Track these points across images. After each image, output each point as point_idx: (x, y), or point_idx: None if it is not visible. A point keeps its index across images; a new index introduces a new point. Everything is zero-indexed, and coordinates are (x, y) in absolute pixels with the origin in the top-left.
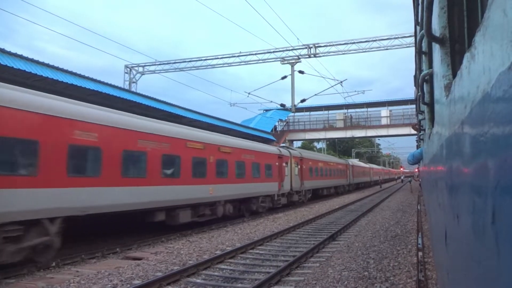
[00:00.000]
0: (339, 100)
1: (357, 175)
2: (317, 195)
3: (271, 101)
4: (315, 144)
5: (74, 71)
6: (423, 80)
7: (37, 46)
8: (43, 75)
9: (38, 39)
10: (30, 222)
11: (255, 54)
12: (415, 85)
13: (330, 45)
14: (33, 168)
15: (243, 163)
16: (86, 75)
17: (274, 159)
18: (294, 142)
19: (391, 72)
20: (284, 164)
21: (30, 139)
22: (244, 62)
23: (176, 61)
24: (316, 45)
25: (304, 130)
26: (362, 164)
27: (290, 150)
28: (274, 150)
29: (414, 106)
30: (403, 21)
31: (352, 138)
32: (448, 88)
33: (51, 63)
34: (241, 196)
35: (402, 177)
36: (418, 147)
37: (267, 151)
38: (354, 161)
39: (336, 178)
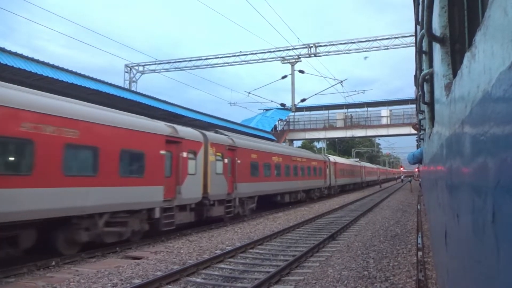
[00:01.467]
0: (339, 100)
1: (342, 175)
2: (269, 203)
3: (271, 101)
4: (315, 143)
5: (74, 70)
6: (424, 80)
7: (37, 45)
8: (43, 74)
9: (38, 38)
10: None
11: (255, 53)
12: (415, 85)
13: (330, 45)
14: None
15: None
16: (87, 74)
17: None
18: (294, 141)
19: (391, 72)
20: (183, 155)
21: None
22: (244, 61)
23: (176, 61)
24: (316, 45)
25: (304, 130)
26: (348, 161)
27: (207, 134)
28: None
29: (414, 105)
30: (404, 20)
31: (352, 138)
32: (448, 87)
33: (51, 62)
34: None
35: (402, 177)
36: (418, 146)
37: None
38: (338, 158)
39: (305, 178)
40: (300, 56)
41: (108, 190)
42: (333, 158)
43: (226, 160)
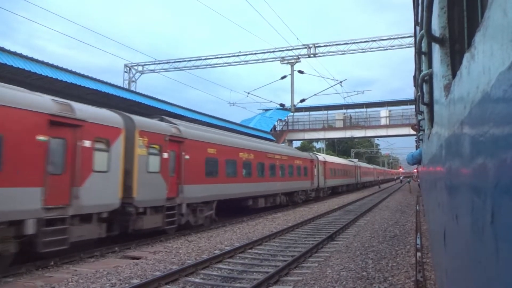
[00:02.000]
0: (339, 100)
1: (334, 175)
2: (241, 209)
3: (271, 101)
4: (315, 144)
5: (74, 69)
6: (423, 80)
7: (37, 44)
8: (43, 74)
9: (38, 37)
10: None
11: (255, 53)
12: (414, 86)
13: (329, 45)
14: None
15: None
16: (86, 74)
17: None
18: (294, 142)
19: (391, 73)
20: (85, 144)
21: None
22: (244, 61)
23: (176, 61)
24: (315, 45)
25: (303, 130)
26: (340, 161)
27: (135, 118)
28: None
29: (413, 106)
30: (404, 20)
31: (352, 138)
32: (447, 88)
33: (51, 62)
34: None
35: (401, 177)
36: (417, 147)
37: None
38: (328, 157)
39: (287, 179)
40: (299, 57)
41: None
42: (322, 156)
43: (166, 155)
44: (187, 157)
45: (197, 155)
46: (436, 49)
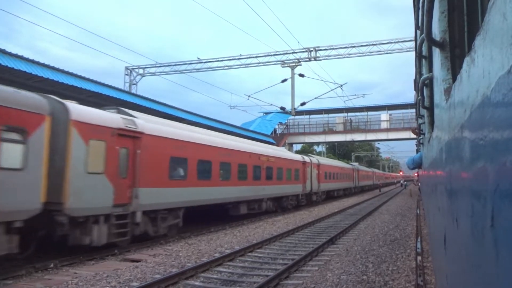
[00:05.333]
0: (339, 104)
1: (329, 178)
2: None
3: (271, 104)
4: (315, 147)
5: (75, 72)
6: (423, 84)
7: (40, 46)
8: (44, 76)
9: (40, 39)
10: None
11: (256, 57)
12: (415, 89)
13: (330, 49)
14: None
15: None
16: (88, 76)
17: None
18: (294, 145)
19: (392, 76)
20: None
21: None
22: (245, 65)
23: (177, 63)
24: (316, 49)
25: (304, 133)
26: (336, 163)
27: (69, 105)
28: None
29: (414, 110)
30: (405, 24)
31: (352, 142)
32: (448, 92)
33: (53, 64)
34: None
35: (402, 181)
36: (417, 151)
37: None
38: (323, 159)
39: (274, 183)
40: (300, 60)
41: None
42: (316, 158)
43: (115, 152)
44: (144, 155)
45: (158, 153)
46: (436, 53)
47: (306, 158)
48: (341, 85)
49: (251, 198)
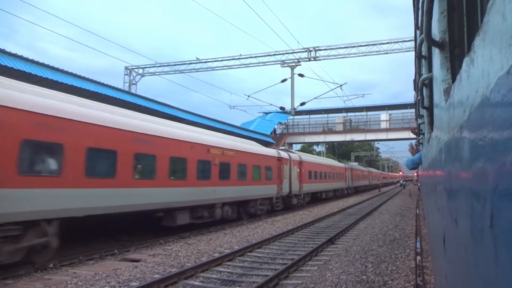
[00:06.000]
0: (339, 104)
1: (314, 178)
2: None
3: (271, 104)
4: (315, 147)
5: (75, 72)
6: (423, 84)
7: (40, 47)
8: (43, 76)
9: (40, 40)
10: None
11: (255, 57)
12: (414, 89)
13: (330, 49)
14: None
15: None
16: (88, 76)
17: None
18: (294, 145)
19: (391, 76)
20: None
21: None
22: (244, 64)
23: (176, 63)
24: (316, 49)
25: (303, 133)
26: (324, 161)
27: None
28: None
29: (413, 110)
30: (404, 24)
31: (351, 142)
32: (447, 92)
33: (53, 64)
34: None
35: (401, 181)
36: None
37: None
38: (307, 156)
39: (233, 183)
40: (299, 60)
41: None
42: (297, 155)
43: None
44: None
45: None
46: (436, 53)
47: (284, 154)
48: (341, 85)
49: (195, 204)
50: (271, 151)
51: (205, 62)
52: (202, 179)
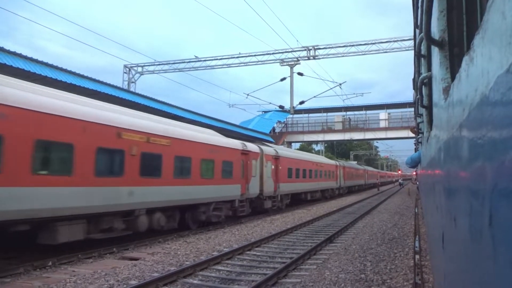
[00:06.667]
0: (338, 103)
1: (294, 177)
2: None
3: (270, 103)
4: (314, 146)
5: (74, 70)
6: (422, 83)
7: (38, 44)
8: (43, 74)
9: (39, 37)
10: None
11: (255, 55)
12: (414, 88)
13: (329, 47)
14: None
15: None
16: (87, 74)
17: None
18: (293, 144)
19: (391, 75)
20: None
21: None
22: (244, 63)
23: (176, 62)
24: (315, 47)
25: (302, 132)
26: (310, 157)
27: None
28: None
29: (412, 109)
30: (404, 23)
31: (351, 141)
32: (446, 91)
33: (52, 62)
34: None
35: (400, 180)
36: (416, 150)
37: None
38: (284, 149)
39: (175, 182)
40: (299, 59)
41: None
42: (273, 149)
43: None
44: None
45: None
46: (435, 52)
47: (252, 147)
48: (340, 84)
49: (96, 211)
50: (232, 142)
51: (204, 60)
52: (106, 176)
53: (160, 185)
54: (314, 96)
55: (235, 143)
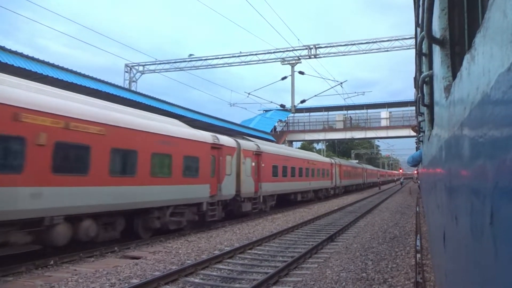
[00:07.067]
0: (339, 101)
1: (284, 176)
2: None
3: (271, 102)
4: (315, 145)
5: (75, 69)
6: (423, 82)
7: (40, 43)
8: (43, 74)
9: (40, 36)
10: None
11: (256, 54)
12: (415, 87)
13: (330, 46)
14: None
15: None
16: (88, 73)
17: None
18: (294, 142)
19: (392, 74)
20: None
21: None
22: (245, 62)
23: (177, 61)
24: (316, 46)
25: (303, 131)
26: (298, 153)
27: None
28: None
29: (413, 108)
30: (405, 22)
31: (352, 140)
32: (447, 89)
33: (53, 61)
34: None
35: (401, 180)
36: (417, 149)
37: None
38: (266, 145)
39: (112, 181)
40: (300, 57)
41: None
42: (254, 143)
43: None
44: None
45: None
46: (436, 50)
47: (226, 140)
48: (341, 83)
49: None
50: (199, 134)
51: (205, 59)
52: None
53: (88, 185)
54: (315, 95)
55: (203, 135)
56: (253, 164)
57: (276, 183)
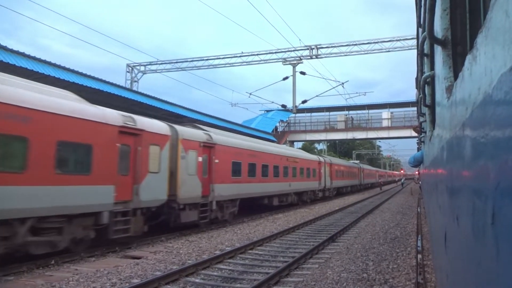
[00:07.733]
0: (341, 102)
1: (264, 176)
2: None
3: (273, 102)
4: (316, 145)
5: (77, 69)
6: (425, 82)
7: (42, 43)
8: (45, 73)
9: (43, 36)
10: None
11: (257, 54)
12: (416, 87)
13: (332, 47)
14: None
15: None
16: (89, 73)
17: None
18: (295, 143)
19: (393, 74)
20: None
21: None
22: (246, 62)
23: (178, 61)
24: (318, 46)
25: (305, 131)
26: (273, 148)
27: None
28: None
29: (415, 108)
30: (407, 22)
31: (353, 140)
32: (449, 90)
33: (55, 61)
34: None
35: (402, 180)
36: (419, 149)
37: None
38: (227, 137)
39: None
40: (301, 58)
41: None
42: (203, 132)
43: None
44: None
45: None
46: (438, 51)
47: (151, 124)
48: (343, 83)
49: None
50: (94, 111)
51: (207, 59)
52: None
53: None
54: (317, 95)
55: (104, 114)
56: (201, 159)
57: (239, 184)
